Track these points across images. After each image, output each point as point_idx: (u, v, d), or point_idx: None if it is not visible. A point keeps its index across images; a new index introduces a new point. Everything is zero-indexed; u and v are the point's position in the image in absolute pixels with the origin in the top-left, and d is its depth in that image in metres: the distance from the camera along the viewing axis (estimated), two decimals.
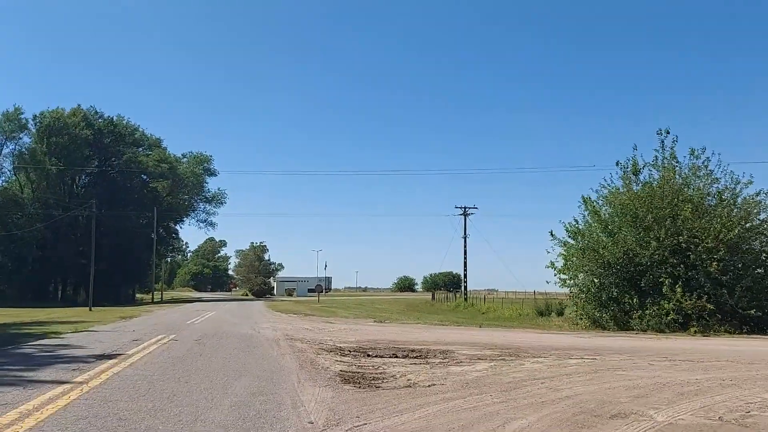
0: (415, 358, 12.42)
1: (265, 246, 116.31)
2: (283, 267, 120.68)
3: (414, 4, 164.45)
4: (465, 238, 51.89)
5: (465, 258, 51.63)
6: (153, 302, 59.99)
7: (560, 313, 33.34)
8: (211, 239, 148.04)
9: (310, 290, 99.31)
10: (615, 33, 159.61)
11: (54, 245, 57.04)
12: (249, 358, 11.44)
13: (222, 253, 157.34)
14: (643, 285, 20.08)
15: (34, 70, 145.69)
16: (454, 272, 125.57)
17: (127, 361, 10.52)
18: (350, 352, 13.47)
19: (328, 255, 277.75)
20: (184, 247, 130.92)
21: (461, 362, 11.38)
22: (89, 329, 18.48)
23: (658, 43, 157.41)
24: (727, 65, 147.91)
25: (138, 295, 74.81)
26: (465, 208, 52.63)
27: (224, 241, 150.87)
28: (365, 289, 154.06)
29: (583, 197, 23.37)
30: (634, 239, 20.33)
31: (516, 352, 12.99)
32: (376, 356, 12.85)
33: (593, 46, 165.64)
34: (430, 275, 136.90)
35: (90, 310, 34.44)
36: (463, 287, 51.92)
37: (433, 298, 67.33)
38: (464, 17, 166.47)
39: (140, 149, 64.15)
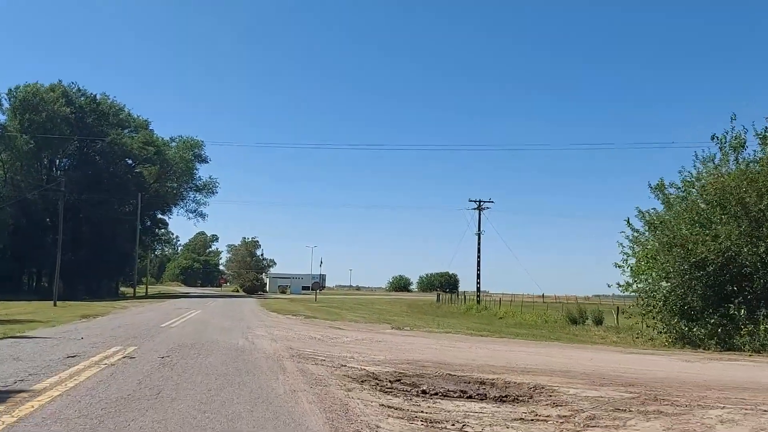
0: (502, 401, 7.81)
1: (257, 241, 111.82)
2: (275, 263, 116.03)
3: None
4: (479, 235, 47.32)
5: (479, 256, 47.04)
6: (135, 297, 55.12)
7: (599, 322, 29.03)
8: (202, 233, 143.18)
9: (304, 288, 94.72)
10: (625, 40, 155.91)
11: (29, 232, 51.98)
12: (239, 404, 6.77)
13: (213, 247, 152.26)
14: (751, 293, 15.58)
15: (20, 68, 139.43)
16: (450, 273, 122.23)
17: (15, 412, 5.80)
18: (392, 384, 8.89)
19: (320, 253, 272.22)
20: (174, 240, 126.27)
21: (599, 419, 6.74)
22: (24, 333, 13.70)
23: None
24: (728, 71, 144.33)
25: (122, 289, 69.76)
26: (480, 201, 47.98)
27: (216, 235, 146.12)
28: (358, 288, 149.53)
29: (651, 184, 19.08)
30: (737, 233, 15.81)
31: (654, 393, 8.39)
32: (436, 394, 8.26)
33: (596, 56, 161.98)
34: (426, 275, 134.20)
35: (54, 305, 29.60)
36: (476, 288, 47.33)
37: (438, 299, 63.02)
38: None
39: (125, 131, 58.92)
